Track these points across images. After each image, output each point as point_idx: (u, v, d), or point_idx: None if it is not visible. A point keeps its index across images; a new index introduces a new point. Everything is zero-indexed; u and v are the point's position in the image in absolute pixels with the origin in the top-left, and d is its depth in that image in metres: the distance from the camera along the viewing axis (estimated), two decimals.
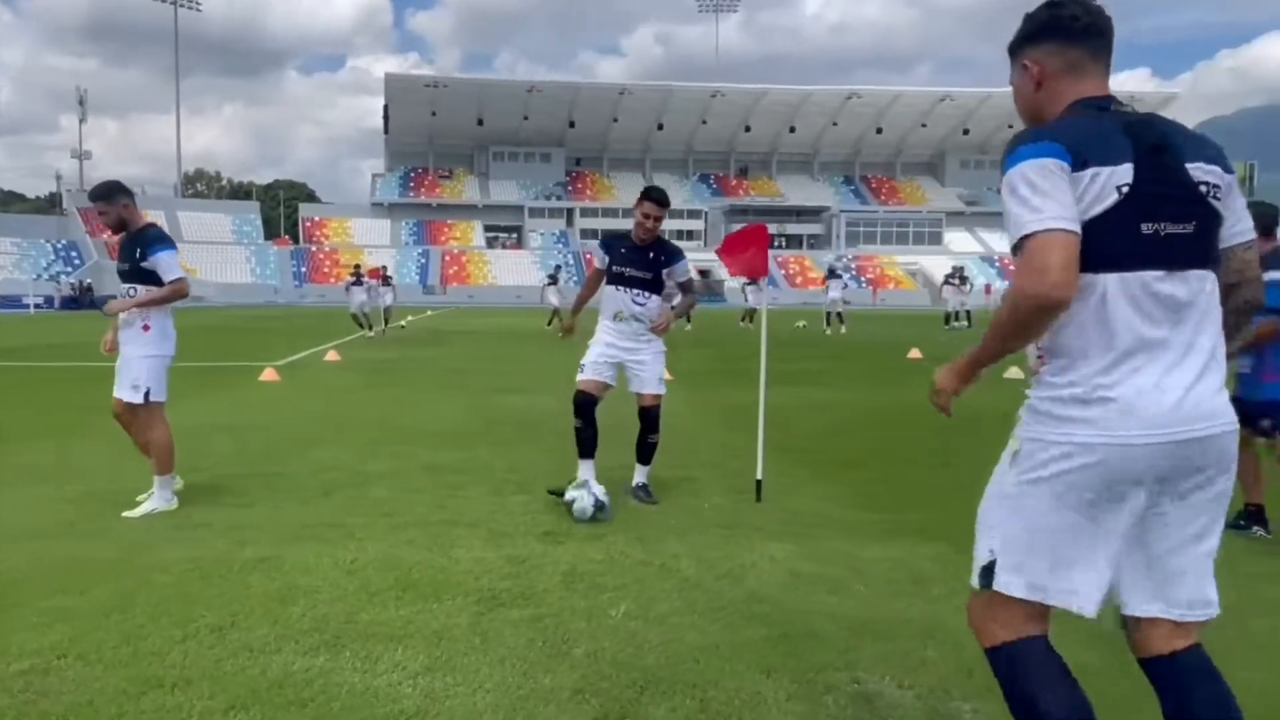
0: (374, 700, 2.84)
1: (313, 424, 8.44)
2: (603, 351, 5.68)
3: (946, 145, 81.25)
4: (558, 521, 4.97)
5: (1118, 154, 1.90)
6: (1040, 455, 1.95)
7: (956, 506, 5.16)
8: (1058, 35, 2.04)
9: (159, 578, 3.98)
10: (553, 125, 75.58)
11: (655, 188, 5.74)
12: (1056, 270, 1.81)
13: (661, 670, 3.08)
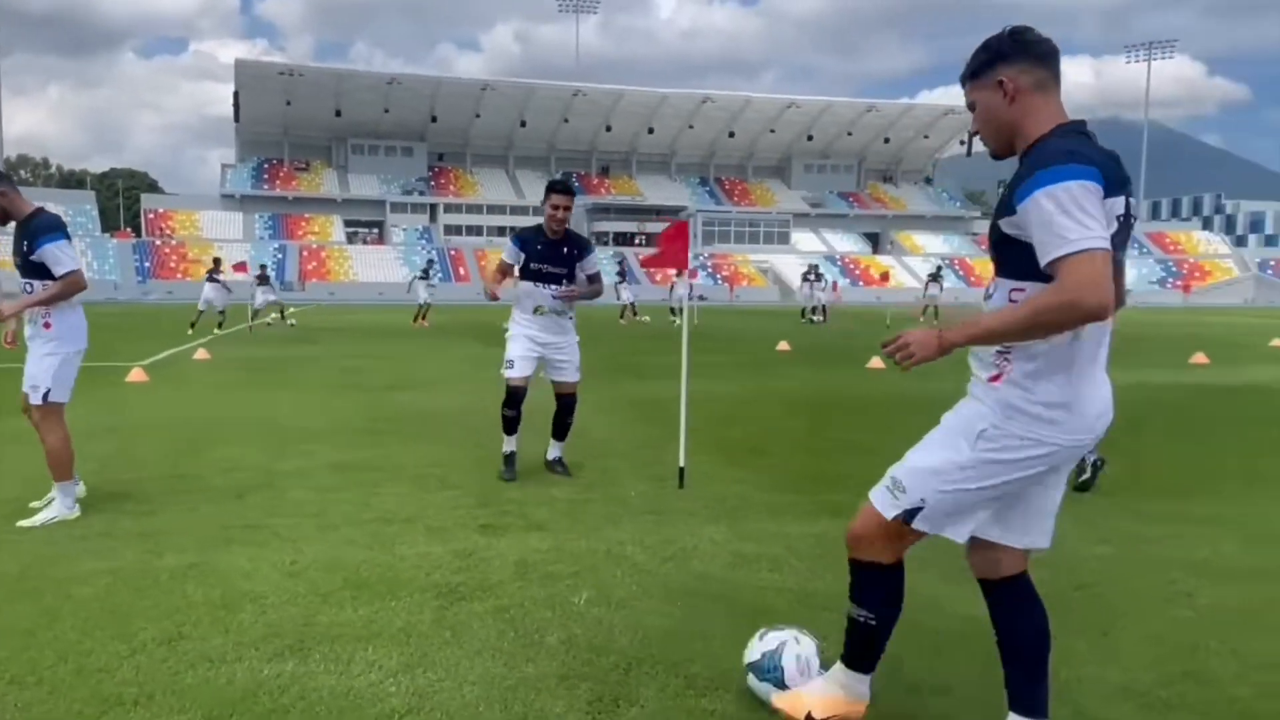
0: (360, 702, 2.73)
1: (199, 425, 7.91)
2: (527, 347, 5.78)
3: (793, 150, 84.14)
4: (492, 515, 4.89)
5: (1117, 185, 2.09)
6: (1006, 442, 2.20)
7: (858, 485, 5.44)
8: (1027, 56, 2.21)
9: (80, 590, 3.66)
10: (414, 119, 73.32)
11: (560, 179, 5.92)
12: (1105, 288, 1.96)
13: (639, 652, 3.10)
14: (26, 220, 4.73)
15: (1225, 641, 3.20)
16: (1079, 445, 2.23)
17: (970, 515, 2.31)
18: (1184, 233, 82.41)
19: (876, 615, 2.48)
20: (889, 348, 2.27)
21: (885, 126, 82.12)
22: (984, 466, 2.22)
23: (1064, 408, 2.17)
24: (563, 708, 2.70)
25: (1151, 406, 9.23)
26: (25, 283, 4.72)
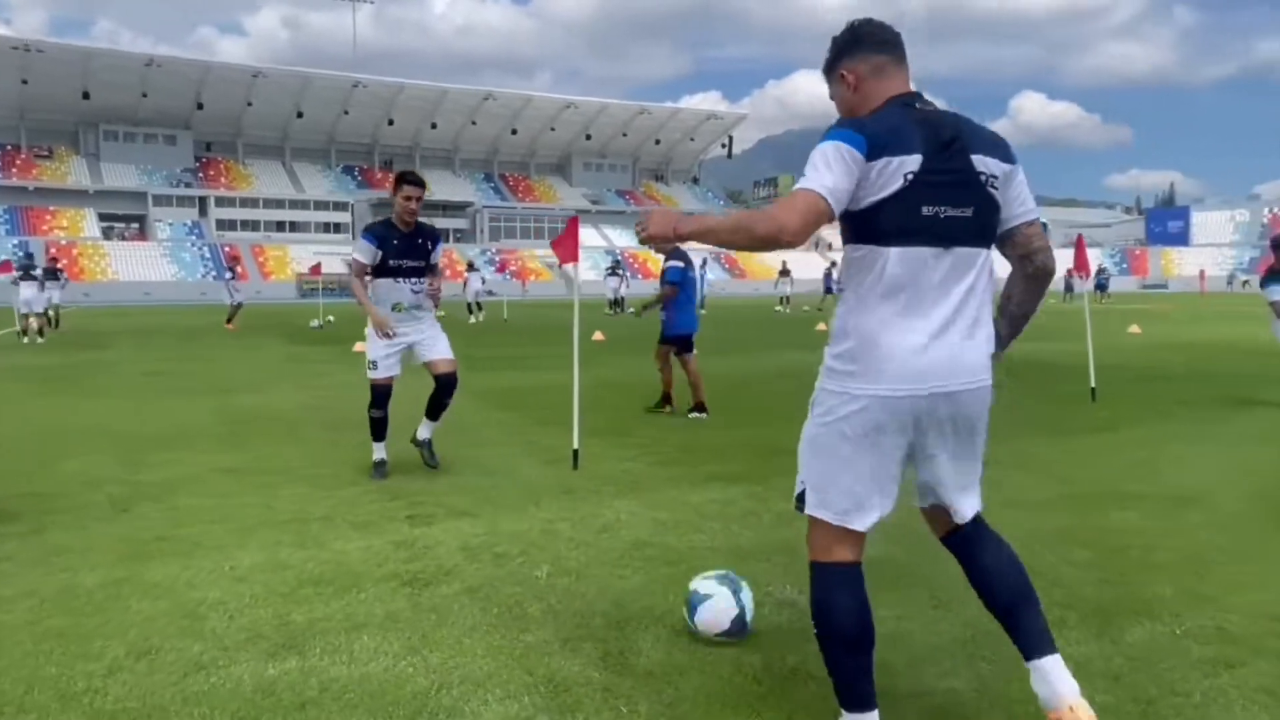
0: (386, 685, 2.73)
1: (30, 438, 7.02)
2: (388, 344, 5.45)
3: (573, 148, 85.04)
4: (409, 507, 4.84)
5: (909, 146, 2.10)
6: (827, 404, 2.21)
7: (729, 456, 5.92)
8: (863, 47, 2.29)
9: (4, 618, 3.29)
10: (177, 105, 66.38)
11: (408, 171, 5.56)
12: (791, 221, 2.02)
13: (619, 612, 3.30)
14: None
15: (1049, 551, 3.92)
16: (895, 396, 2.12)
17: (857, 497, 2.18)
18: None
19: (818, 625, 2.25)
20: (638, 224, 2.36)
21: (656, 128, 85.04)
22: (823, 434, 2.21)
23: (857, 358, 2.15)
24: (579, 666, 2.86)
25: None
26: None
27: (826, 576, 2.24)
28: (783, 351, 14.86)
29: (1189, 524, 4.37)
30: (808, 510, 2.26)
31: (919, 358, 2.13)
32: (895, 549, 3.65)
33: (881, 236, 2.12)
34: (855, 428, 2.16)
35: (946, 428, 2.21)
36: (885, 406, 2.13)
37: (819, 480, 2.23)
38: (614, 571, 3.76)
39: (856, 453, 2.17)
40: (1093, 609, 3.29)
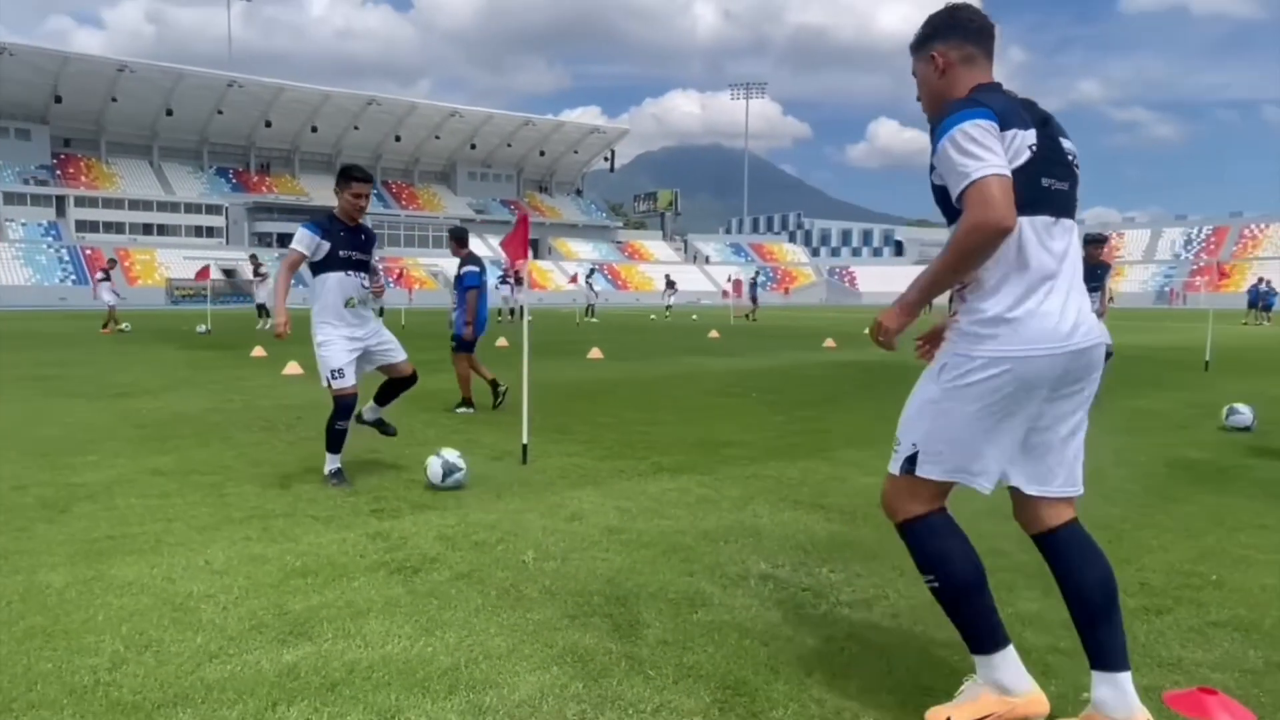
0: (413, 664, 2.72)
1: None
2: (349, 348, 5.16)
3: (457, 157, 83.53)
4: (370, 502, 4.74)
5: (1026, 121, 2.19)
6: (963, 367, 2.20)
7: (667, 450, 6.08)
8: (958, 33, 2.31)
9: None
10: (32, 98, 60.84)
11: (355, 166, 5.26)
12: (1003, 205, 2.04)
13: (615, 590, 3.38)
14: None
15: None
16: (1033, 357, 2.16)
17: (974, 456, 2.23)
18: (776, 244, 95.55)
19: (939, 574, 2.28)
20: (877, 336, 2.36)
21: (540, 140, 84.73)
22: (953, 396, 2.22)
23: (1003, 322, 2.17)
24: (595, 638, 2.93)
25: (809, 379, 11.06)
26: None
27: (936, 527, 2.30)
28: (682, 356, 15.20)
29: (1088, 498, 4.84)
30: (921, 474, 2.27)
31: (1068, 322, 2.19)
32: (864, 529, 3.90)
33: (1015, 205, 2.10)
34: (997, 391, 2.17)
35: (1077, 387, 2.26)
36: (1033, 370, 2.16)
37: (944, 445, 2.25)
38: (596, 555, 3.83)
39: (1003, 420, 2.20)
40: (1034, 573, 3.61)
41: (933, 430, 2.26)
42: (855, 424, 7.57)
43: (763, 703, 2.47)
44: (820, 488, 5.14)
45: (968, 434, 2.22)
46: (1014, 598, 3.29)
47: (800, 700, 2.49)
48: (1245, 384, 10.69)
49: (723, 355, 15.44)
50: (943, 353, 2.30)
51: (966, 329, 2.24)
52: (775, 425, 7.41)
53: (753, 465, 5.76)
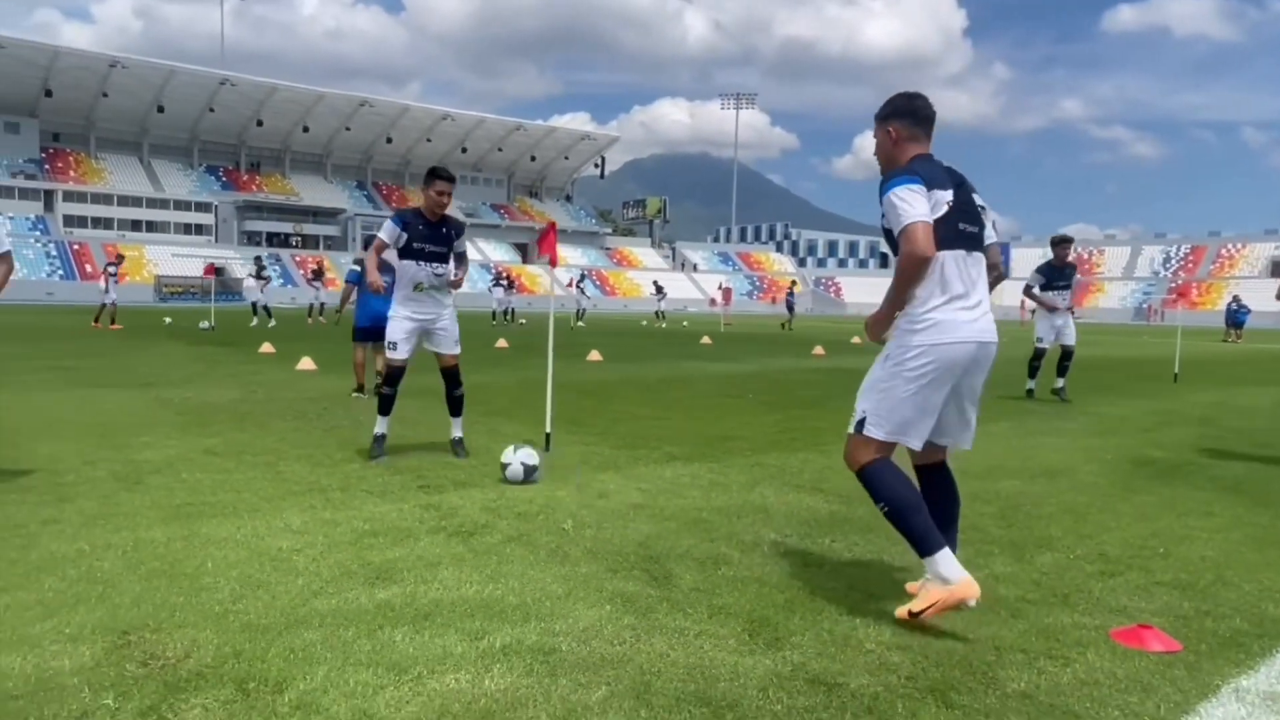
0: (490, 601, 3.22)
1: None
2: (408, 327, 5.82)
3: (448, 160, 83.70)
4: (414, 479, 5.23)
5: (945, 183, 3.07)
6: (901, 356, 3.08)
7: (677, 442, 6.60)
8: (910, 116, 3.19)
9: (102, 565, 3.52)
10: (22, 91, 60.81)
11: (440, 167, 5.82)
12: (925, 241, 2.91)
13: (647, 551, 3.90)
14: None
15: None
16: (954, 346, 3.01)
17: (910, 424, 3.07)
18: (763, 254, 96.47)
19: (888, 502, 3.05)
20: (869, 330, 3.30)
21: (531, 145, 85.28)
22: (894, 377, 3.07)
23: (937, 324, 3.02)
24: (636, 586, 3.45)
25: (801, 383, 11.63)
26: None
27: (882, 469, 3.10)
28: (679, 361, 15.75)
29: (1060, 488, 5.44)
30: (868, 433, 3.11)
31: (974, 327, 3.07)
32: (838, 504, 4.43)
33: (938, 244, 2.99)
34: (926, 373, 3.02)
35: (978, 370, 3.13)
36: (950, 357, 3.03)
37: (887, 412, 3.10)
38: (626, 524, 4.36)
39: (932, 394, 3.04)
40: (1007, 544, 4.19)
41: (880, 403, 3.13)
42: (845, 422, 8.12)
43: (784, 631, 3.01)
44: (818, 475, 5.69)
45: (909, 408, 3.09)
46: (990, 562, 3.84)
47: (814, 630, 3.03)
48: (1208, 394, 11.37)
49: (717, 360, 16.01)
50: (888, 347, 3.18)
51: (905, 326, 3.11)
52: (773, 422, 7.96)
53: (756, 455, 6.30)
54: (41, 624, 2.90)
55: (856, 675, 2.68)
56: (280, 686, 2.50)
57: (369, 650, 2.76)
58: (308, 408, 8.22)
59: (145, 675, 2.55)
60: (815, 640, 2.95)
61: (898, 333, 3.12)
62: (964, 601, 3.00)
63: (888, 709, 2.48)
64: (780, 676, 2.66)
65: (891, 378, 3.10)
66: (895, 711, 2.47)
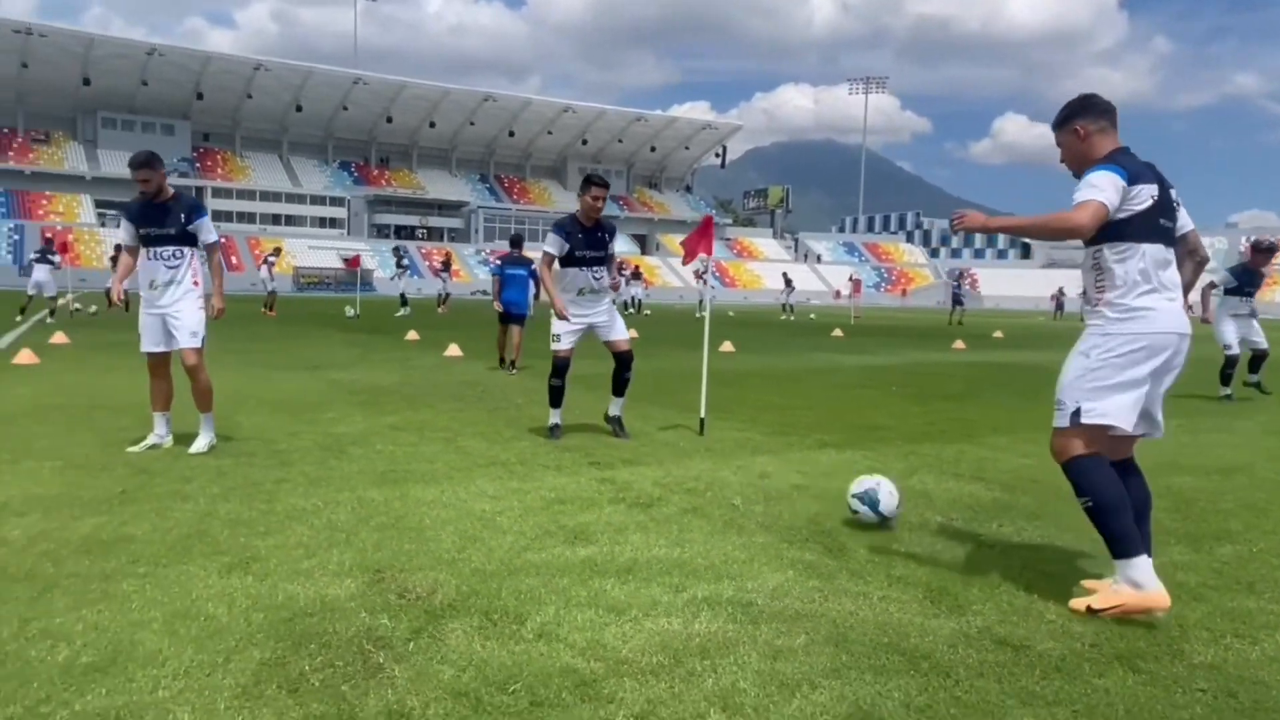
0: (681, 561, 3.61)
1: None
2: (572, 326, 6.29)
3: (568, 152, 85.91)
4: (584, 457, 5.72)
5: (1150, 178, 3.19)
6: (1111, 343, 3.20)
7: (827, 429, 6.83)
8: (1091, 110, 3.33)
9: (338, 518, 4.14)
10: (176, 95, 66.57)
11: (595, 174, 6.44)
12: (1089, 222, 3.07)
13: (817, 527, 4.20)
14: (175, 197, 5.12)
15: None
16: (1159, 336, 3.15)
17: (1125, 410, 3.14)
18: (893, 244, 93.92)
19: (1095, 497, 3.14)
20: (955, 215, 3.35)
21: (651, 136, 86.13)
22: (1104, 365, 3.17)
23: (1144, 312, 3.16)
24: (813, 556, 3.77)
25: (944, 376, 11.55)
26: (174, 250, 5.12)
27: (1093, 464, 3.21)
28: (811, 353, 15.86)
29: (1238, 485, 5.37)
30: (1085, 421, 3.18)
31: (1177, 316, 3.22)
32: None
33: (1139, 236, 3.16)
34: (1137, 361, 3.16)
35: (1177, 360, 3.27)
36: (1159, 344, 3.18)
37: (1098, 399, 3.18)
38: (792, 502, 4.67)
39: (1139, 379, 3.17)
40: (1184, 536, 4.25)
41: (1091, 392, 3.21)
42: (997, 415, 8.15)
43: (964, 600, 3.26)
44: (977, 465, 5.82)
45: (1119, 392, 3.19)
46: (1167, 551, 3.93)
47: (994, 600, 3.26)
48: None
49: (852, 353, 16.03)
50: (1090, 333, 3.27)
51: (1111, 314, 3.22)
52: (920, 414, 8.07)
53: (909, 445, 6.48)
54: (308, 561, 3.50)
55: (1041, 640, 2.92)
56: (520, 618, 2.97)
57: (585, 595, 3.21)
58: (465, 391, 8.93)
59: (405, 605, 3.08)
60: (996, 609, 3.18)
61: (1102, 323, 3.24)
62: (1152, 611, 3.08)
63: (1074, 669, 2.71)
64: (967, 636, 2.93)
65: (1102, 366, 3.18)
66: (1082, 672, 2.69)
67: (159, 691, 2.37)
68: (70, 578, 3.22)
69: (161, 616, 2.88)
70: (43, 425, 6.32)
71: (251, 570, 3.35)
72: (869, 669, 2.65)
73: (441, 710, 2.33)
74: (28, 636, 2.69)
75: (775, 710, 2.38)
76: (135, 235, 5.50)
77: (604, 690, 2.47)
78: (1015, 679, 2.62)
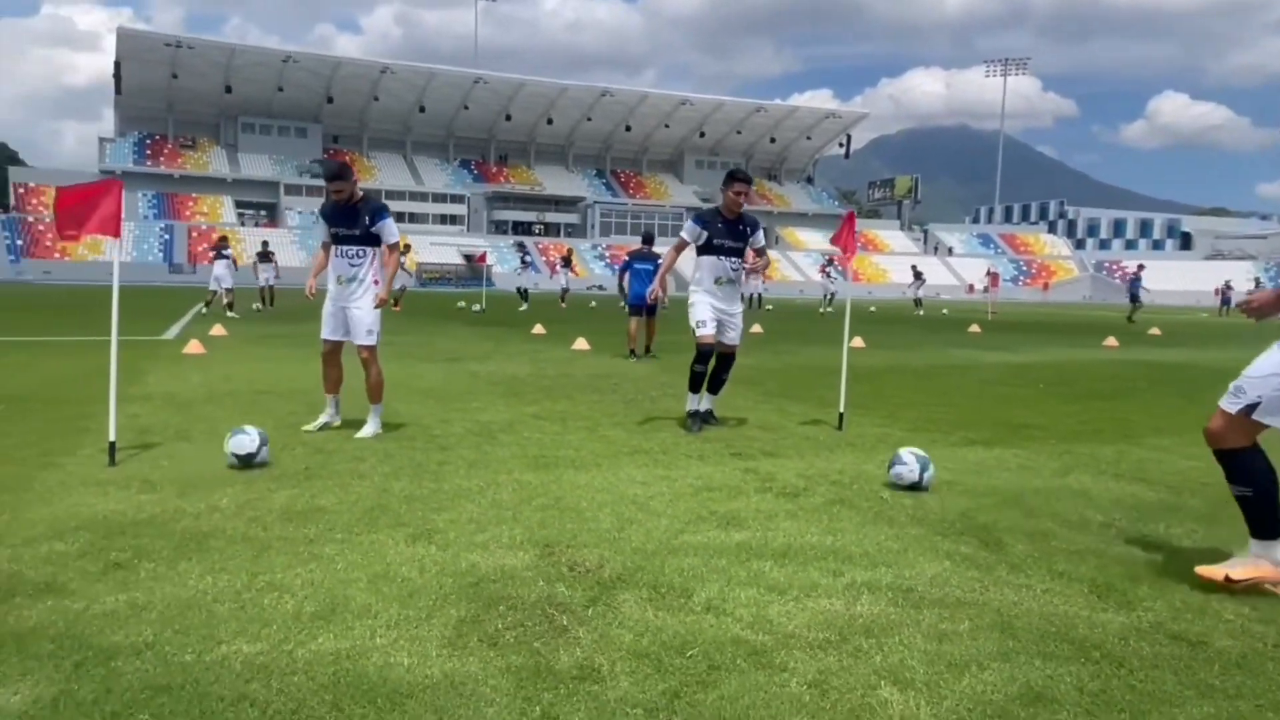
0: (837, 547, 3.76)
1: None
2: (712, 311, 6.58)
3: (685, 145, 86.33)
4: (724, 447, 5.92)
5: None
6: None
7: (971, 426, 6.76)
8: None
9: (501, 497, 4.50)
10: (309, 99, 70.97)
11: (739, 169, 6.68)
12: None
13: (970, 521, 4.26)
14: (363, 200, 5.91)
15: None
16: None
17: None
18: (1032, 235, 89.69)
19: (1251, 487, 3.26)
20: (1243, 306, 3.46)
21: (771, 126, 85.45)
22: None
23: None
24: (969, 549, 3.83)
25: (1096, 374, 11.09)
26: (358, 249, 5.66)
27: (1252, 456, 3.31)
28: (947, 349, 15.51)
29: None
30: (1256, 418, 3.24)
31: None
32: None
33: None
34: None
35: None
36: None
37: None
38: (943, 498, 4.72)
39: None
40: None
41: (1272, 391, 3.21)
42: (1158, 415, 7.84)
43: (1133, 597, 3.27)
44: (1138, 465, 5.68)
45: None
46: None
47: (1165, 598, 3.26)
48: None
49: (992, 349, 15.58)
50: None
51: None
52: (1072, 413, 7.86)
53: (1062, 444, 6.36)
54: (481, 535, 3.85)
55: (1219, 638, 2.92)
56: (685, 593, 3.20)
57: (745, 575, 3.41)
58: (599, 383, 9.30)
59: (576, 576, 3.36)
60: (1168, 606, 3.19)
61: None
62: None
63: (1256, 666, 2.71)
64: (1139, 630, 2.96)
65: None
66: (1264, 670, 2.69)
67: (376, 639, 2.73)
68: (280, 540, 3.68)
69: (364, 577, 3.27)
70: (220, 409, 7.04)
71: (434, 541, 3.73)
72: (1037, 655, 2.74)
73: (627, 668, 2.58)
74: (257, 588, 3.12)
75: (946, 687, 2.52)
76: (328, 233, 6.07)
77: (775, 659, 2.66)
78: (1192, 672, 2.66)
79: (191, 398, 7.59)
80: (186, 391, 7.92)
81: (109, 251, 54.20)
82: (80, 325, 15.96)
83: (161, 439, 5.80)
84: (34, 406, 6.86)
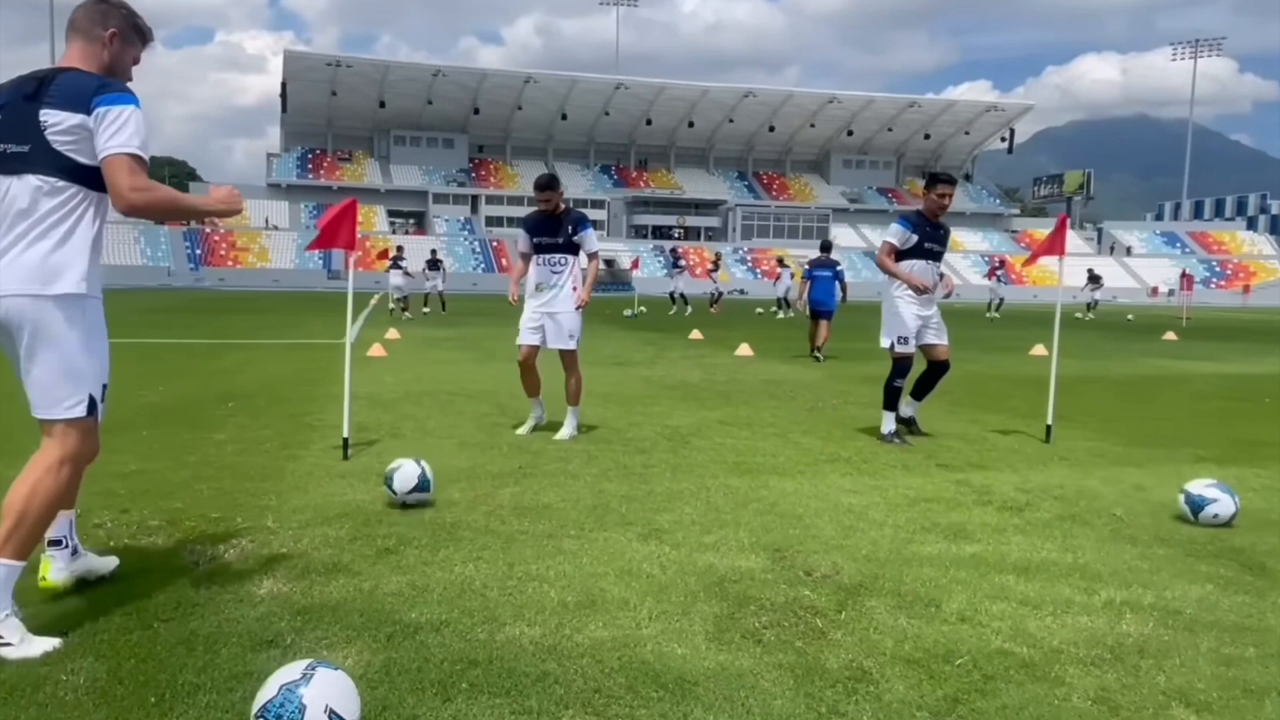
0: (1074, 565, 3.70)
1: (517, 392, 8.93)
2: (915, 323, 6.49)
3: (832, 145, 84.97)
4: (925, 457, 5.88)
5: None
6: None
7: (1200, 443, 6.43)
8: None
9: (715, 500, 4.66)
10: (456, 111, 74.50)
11: (943, 172, 6.69)
12: None
13: (1220, 545, 4.06)
14: (566, 211, 6.38)
15: None
16: None
17: None
18: (1228, 233, 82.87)
19: None
20: None
21: (926, 122, 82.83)
22: None
23: None
24: (1230, 572, 3.67)
25: None
26: (560, 257, 6.00)
27: None
28: (1142, 359, 14.64)
29: None
30: None
31: None
32: None
33: None
34: None
35: None
36: None
37: None
38: (1180, 519, 4.52)
39: None
40: None
41: None
42: None
43: None
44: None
45: None
46: None
47: None
48: None
49: (1197, 359, 14.60)
50: None
51: None
52: None
53: None
54: (707, 536, 4.02)
55: None
56: (934, 602, 3.24)
57: (990, 589, 3.41)
58: (774, 389, 9.37)
59: (815, 581, 3.46)
60: None
61: None
62: None
63: None
64: None
65: None
66: None
67: (643, 629, 2.93)
68: (521, 534, 3.97)
69: (611, 571, 3.49)
70: (421, 409, 7.57)
71: (665, 540, 3.92)
72: None
73: (897, 672, 2.66)
74: (518, 578, 3.39)
75: (1249, 712, 2.46)
76: (530, 244, 6.46)
77: (1050, 673, 2.68)
78: None
79: (392, 397, 8.19)
80: (385, 392, 8.55)
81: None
82: (276, 329, 17.44)
83: (378, 435, 6.32)
84: (260, 404, 7.60)
